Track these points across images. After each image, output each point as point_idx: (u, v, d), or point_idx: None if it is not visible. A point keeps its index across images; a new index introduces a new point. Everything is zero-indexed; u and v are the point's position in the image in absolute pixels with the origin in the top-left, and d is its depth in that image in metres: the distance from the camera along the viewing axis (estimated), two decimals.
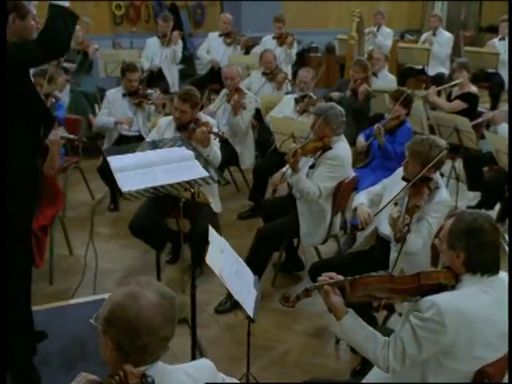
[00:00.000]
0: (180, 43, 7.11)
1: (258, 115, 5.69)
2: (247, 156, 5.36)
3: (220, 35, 7.23)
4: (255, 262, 3.79)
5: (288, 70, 6.89)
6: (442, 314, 1.92)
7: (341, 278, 2.18)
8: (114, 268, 4.44)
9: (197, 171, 2.74)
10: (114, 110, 5.39)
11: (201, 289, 4.12)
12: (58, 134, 3.96)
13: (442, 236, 2.09)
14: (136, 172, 2.72)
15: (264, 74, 6.13)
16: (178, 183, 2.65)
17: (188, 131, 4.10)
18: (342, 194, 3.80)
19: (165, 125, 4.29)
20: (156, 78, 7.05)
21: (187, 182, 2.67)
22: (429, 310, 1.95)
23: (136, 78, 5.33)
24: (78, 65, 6.82)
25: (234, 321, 3.79)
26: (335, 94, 5.54)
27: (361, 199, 3.39)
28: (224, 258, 2.70)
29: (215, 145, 4.09)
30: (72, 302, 3.45)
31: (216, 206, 4.26)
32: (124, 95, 5.38)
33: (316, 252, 4.11)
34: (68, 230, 4.73)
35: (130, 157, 2.92)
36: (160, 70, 7.02)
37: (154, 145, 3.21)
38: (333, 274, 2.21)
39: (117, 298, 1.54)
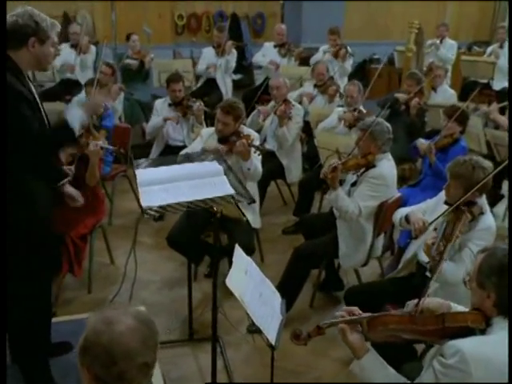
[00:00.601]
0: (234, 53, 7.09)
1: (308, 128, 5.56)
2: (294, 169, 5.23)
3: (275, 46, 7.15)
4: (290, 281, 3.69)
5: (343, 82, 6.72)
6: (467, 361, 1.73)
7: (361, 314, 2.01)
8: (151, 279, 4.42)
9: (223, 188, 2.65)
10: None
11: (235, 306, 4.04)
12: (98, 144, 4.00)
13: (471, 273, 1.89)
14: (161, 187, 2.67)
15: (316, 85, 6.00)
16: (202, 200, 2.56)
17: (229, 143, 4.04)
18: (384, 214, 3.61)
19: (207, 136, 4.24)
20: (210, 87, 7.05)
21: (211, 200, 2.58)
22: (453, 357, 1.76)
23: (180, 88, 5.33)
24: (134, 74, 6.92)
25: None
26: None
27: (403, 211, 3.21)
28: (247, 280, 2.59)
29: (256, 158, 4.00)
30: None
31: (255, 221, 4.17)
32: (170, 105, 5.39)
33: (356, 275, 3.93)
34: (113, 238, 4.78)
35: (158, 170, 2.88)
36: (214, 80, 7.01)
37: (187, 158, 3.17)
38: (353, 309, 2.04)
39: (91, 325, 1.47)
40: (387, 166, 3.66)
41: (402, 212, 3.25)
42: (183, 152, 4.29)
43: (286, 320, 3.87)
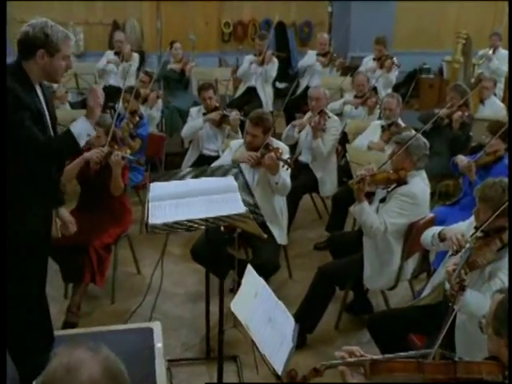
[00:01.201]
0: (274, 63, 6.97)
1: (345, 140, 5.38)
2: (328, 183, 5.07)
3: (317, 55, 7.00)
4: (314, 301, 3.55)
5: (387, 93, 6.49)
6: None
7: (363, 355, 1.84)
8: (176, 292, 4.35)
9: (234, 206, 2.54)
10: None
11: None
12: (120, 154, 3.98)
13: (487, 316, 1.70)
14: (171, 202, 2.58)
15: (356, 97, 5.82)
16: (209, 218, 2.46)
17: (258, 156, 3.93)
18: (414, 236, 3.41)
19: (236, 147, 4.15)
20: (250, 96, 6.97)
21: (220, 218, 2.48)
22: None
23: (211, 95, 5.27)
24: (175, 81, 6.92)
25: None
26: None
27: (435, 230, 3.01)
28: (256, 304, 2.46)
29: (285, 172, 3.87)
30: (116, 327, 3.36)
31: (281, 237, 4.03)
32: (204, 114, 5.33)
33: (383, 298, 3.73)
34: (142, 247, 4.75)
35: (171, 184, 2.80)
36: (254, 89, 6.92)
37: (206, 172, 3.08)
38: (354, 350, 1.87)
39: (52, 367, 1.31)
40: (420, 185, 3.46)
41: (433, 230, 3.05)
42: (213, 164, 4.21)
43: (309, 341, 3.78)
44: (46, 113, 2.59)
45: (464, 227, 2.99)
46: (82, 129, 2.63)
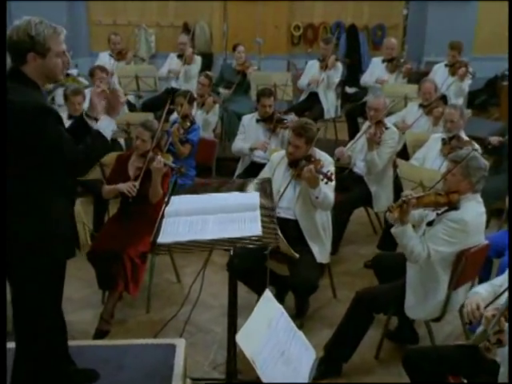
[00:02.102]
0: (338, 68, 6.70)
1: (404, 153, 5.05)
2: (383, 197, 4.76)
3: (383, 61, 6.66)
4: (349, 328, 3.30)
5: (458, 103, 6.06)
6: None
7: None
8: (212, 304, 4.21)
9: (251, 227, 2.36)
10: (248, 135, 5.23)
11: None
12: (162, 161, 3.89)
13: None
14: (186, 219, 2.44)
15: (421, 105, 5.45)
16: (218, 240, 2.29)
17: (298, 168, 3.73)
18: (464, 264, 3.08)
19: (277, 160, 3.96)
20: (312, 102, 6.74)
21: (233, 240, 2.31)
22: None
23: (271, 103, 5.10)
24: (236, 85, 6.81)
25: None
26: (494, 139, 4.68)
27: (478, 289, 2.70)
28: (269, 335, 2.27)
29: (327, 186, 3.63)
30: (141, 341, 3.26)
31: (321, 255, 3.80)
32: (258, 121, 5.17)
33: (427, 329, 3.40)
34: (187, 254, 4.65)
35: (193, 199, 2.66)
36: (316, 94, 6.69)
37: (234, 186, 2.92)
38: None
39: None
40: (474, 211, 3.11)
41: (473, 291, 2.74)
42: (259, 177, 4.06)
43: (345, 370, 3.52)
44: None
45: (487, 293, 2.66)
46: (106, 126, 2.56)
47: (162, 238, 2.28)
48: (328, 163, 3.80)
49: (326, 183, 3.53)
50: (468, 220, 3.05)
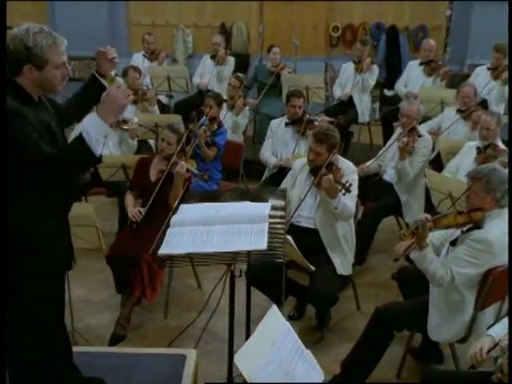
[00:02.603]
0: (374, 71, 6.50)
1: (438, 161, 4.84)
2: (414, 207, 4.56)
3: (420, 64, 6.42)
4: (366, 347, 3.14)
5: (500, 109, 5.81)
6: None
7: None
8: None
9: (256, 240, 2.25)
10: (276, 139, 5.11)
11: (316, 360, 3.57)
12: (185, 166, 3.83)
13: None
14: (192, 229, 2.35)
15: (459, 111, 5.21)
16: (224, 253, 2.19)
17: (318, 177, 3.59)
18: (491, 284, 2.89)
19: (299, 167, 3.83)
20: (346, 105, 6.57)
21: (235, 253, 2.20)
22: None
23: (300, 104, 4.97)
24: (268, 86, 6.70)
25: None
26: None
27: (494, 329, 2.53)
28: (272, 355, 2.15)
29: (347, 196, 3.49)
30: (151, 350, 3.19)
31: (343, 267, 3.66)
32: (287, 124, 5.05)
33: (452, 352, 3.20)
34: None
35: (202, 208, 2.57)
36: (351, 97, 6.51)
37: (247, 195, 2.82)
38: None
39: None
40: (498, 229, 2.89)
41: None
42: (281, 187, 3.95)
43: None
44: (55, 126, 2.39)
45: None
46: (95, 131, 2.22)
47: (163, 249, 2.20)
48: (350, 172, 3.66)
49: (344, 194, 3.39)
50: (492, 240, 2.85)
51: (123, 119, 4.92)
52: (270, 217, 2.47)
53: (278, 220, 2.48)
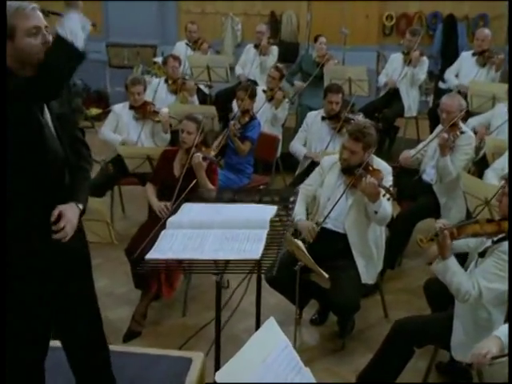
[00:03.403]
0: (424, 63, 6.17)
1: (483, 161, 4.51)
2: (454, 209, 4.25)
3: (473, 54, 6.02)
4: (384, 362, 2.93)
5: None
6: None
7: None
8: (253, 312, 3.96)
9: (251, 248, 2.09)
10: (310, 133, 4.92)
11: (334, 370, 3.40)
12: (200, 155, 3.72)
13: None
14: (187, 232, 2.21)
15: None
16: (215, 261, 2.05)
17: (354, 177, 3.38)
18: None
19: (328, 165, 3.62)
20: (392, 98, 6.26)
21: (226, 262, 2.06)
22: None
23: (338, 100, 4.74)
24: (313, 77, 6.47)
25: None
26: None
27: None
28: (262, 372, 1.99)
29: (385, 201, 3.27)
30: (156, 351, 3.09)
31: (368, 274, 3.44)
32: (323, 118, 4.84)
33: (477, 373, 2.94)
34: None
35: (203, 208, 2.43)
36: (397, 91, 6.20)
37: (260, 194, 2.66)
38: None
39: None
40: None
41: None
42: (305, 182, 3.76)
43: None
44: (47, 111, 2.19)
45: None
46: (72, 25, 2.04)
47: (152, 254, 2.07)
48: (387, 173, 3.43)
49: (389, 199, 3.17)
50: None
51: (154, 110, 4.85)
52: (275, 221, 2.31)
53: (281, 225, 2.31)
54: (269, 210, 2.36)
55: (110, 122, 4.94)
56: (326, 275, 2.96)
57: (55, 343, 2.57)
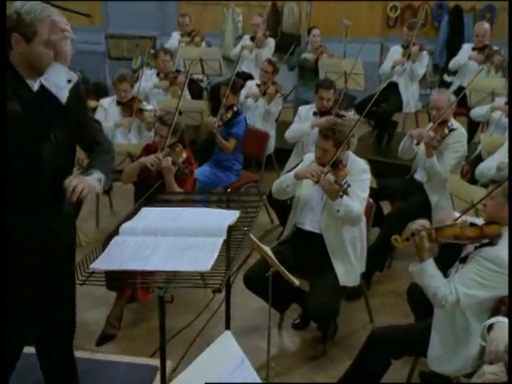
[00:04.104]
0: (424, 58, 5.96)
1: (479, 160, 4.32)
2: (446, 209, 4.07)
3: (473, 49, 5.81)
4: (360, 373, 2.80)
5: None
6: None
7: None
8: (235, 316, 3.82)
9: (202, 259, 1.96)
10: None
11: (312, 378, 3.28)
12: (170, 159, 3.61)
13: None
14: (138, 240, 2.09)
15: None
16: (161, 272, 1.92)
17: (321, 176, 3.24)
18: (505, 314, 2.46)
19: (308, 163, 3.49)
20: (391, 92, 6.06)
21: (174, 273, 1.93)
22: None
23: (329, 96, 4.58)
24: (309, 72, 6.31)
25: None
26: None
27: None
28: None
29: (351, 198, 3.14)
30: (119, 358, 2.99)
31: (347, 276, 3.30)
32: (315, 114, 4.69)
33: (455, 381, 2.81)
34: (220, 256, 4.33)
35: (161, 213, 2.30)
36: (396, 85, 6.01)
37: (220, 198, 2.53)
38: None
39: None
40: None
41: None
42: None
43: None
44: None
45: None
46: (57, 79, 2.12)
47: (97, 264, 1.95)
48: (360, 171, 3.30)
49: (341, 196, 3.04)
50: (506, 259, 2.42)
51: (140, 108, 4.73)
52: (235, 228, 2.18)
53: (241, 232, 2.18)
54: (229, 216, 2.22)
55: (98, 117, 4.83)
56: (297, 282, 2.83)
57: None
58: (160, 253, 2.00)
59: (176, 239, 2.07)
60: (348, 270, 3.30)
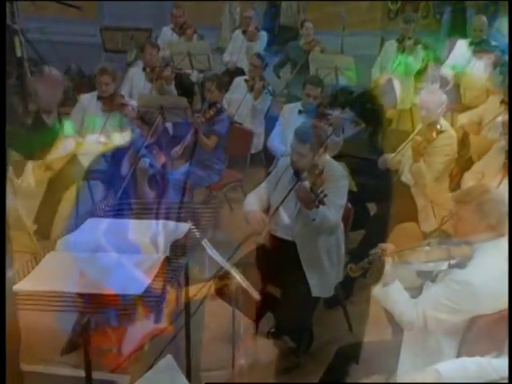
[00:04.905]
0: (419, 52, 5.75)
1: (469, 162, 4.14)
2: (431, 214, 3.92)
3: (470, 44, 5.59)
4: None
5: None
6: None
7: None
8: (208, 325, 3.69)
9: (137, 280, 1.81)
10: (287, 127, 4.52)
11: None
12: (147, 160, 3.46)
13: None
14: (74, 257, 1.94)
15: (504, 102, 4.44)
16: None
17: (296, 182, 3.07)
18: (478, 333, 2.31)
19: (284, 167, 3.32)
20: (385, 89, 5.87)
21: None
22: None
23: (316, 94, 4.41)
24: (300, 66, 6.12)
25: None
26: None
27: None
28: None
29: (326, 207, 2.95)
30: (76, 373, 2.84)
31: (321, 288, 3.14)
32: (300, 112, 4.52)
33: None
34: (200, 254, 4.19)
35: (107, 225, 2.15)
36: (390, 80, 5.81)
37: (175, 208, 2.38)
38: None
39: None
40: (490, 270, 2.26)
41: None
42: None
43: None
44: None
45: None
46: None
47: (23, 284, 1.80)
48: (337, 178, 3.11)
49: (317, 206, 2.85)
50: (478, 284, 2.22)
51: (122, 102, 4.57)
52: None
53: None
54: (179, 229, 2.07)
55: (74, 115, 4.67)
56: (258, 297, 2.67)
57: None
58: (95, 271, 1.85)
59: (117, 255, 1.92)
60: (322, 281, 3.13)
